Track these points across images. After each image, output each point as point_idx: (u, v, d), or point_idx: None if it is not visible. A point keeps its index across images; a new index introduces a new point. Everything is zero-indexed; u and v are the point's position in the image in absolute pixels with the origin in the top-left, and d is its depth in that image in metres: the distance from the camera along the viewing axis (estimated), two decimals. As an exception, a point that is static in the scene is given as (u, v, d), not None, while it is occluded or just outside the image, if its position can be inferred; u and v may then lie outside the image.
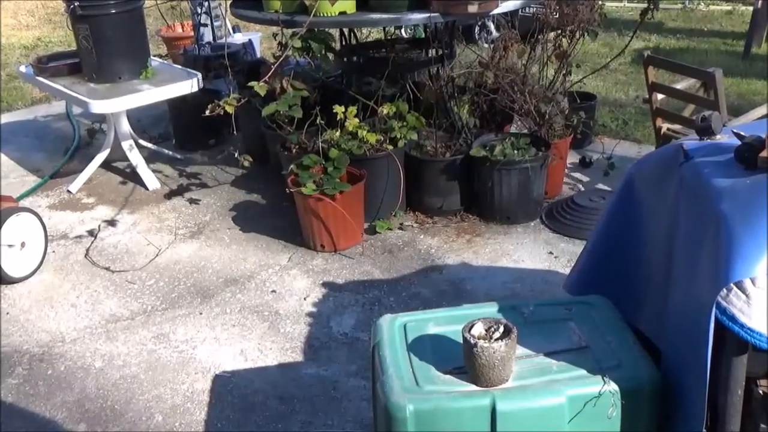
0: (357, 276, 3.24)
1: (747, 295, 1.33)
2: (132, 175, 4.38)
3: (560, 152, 3.78)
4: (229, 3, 4.27)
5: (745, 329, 1.34)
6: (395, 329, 1.82)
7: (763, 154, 1.51)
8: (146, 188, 4.24)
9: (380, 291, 3.12)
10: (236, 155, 3.69)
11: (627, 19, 7.53)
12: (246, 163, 3.64)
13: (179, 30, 6.30)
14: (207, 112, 3.34)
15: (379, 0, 3.61)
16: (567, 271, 2.70)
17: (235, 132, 3.69)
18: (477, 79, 4.07)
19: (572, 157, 4.19)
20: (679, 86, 3.62)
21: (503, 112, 3.96)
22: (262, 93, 3.44)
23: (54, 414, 2.50)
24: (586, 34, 3.83)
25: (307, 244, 3.48)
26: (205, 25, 5.13)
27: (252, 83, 3.46)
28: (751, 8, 6.92)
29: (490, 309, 1.87)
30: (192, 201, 4.07)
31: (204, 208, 3.99)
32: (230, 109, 3.33)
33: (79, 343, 2.88)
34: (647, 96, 3.67)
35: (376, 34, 5.13)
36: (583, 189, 3.95)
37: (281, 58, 3.60)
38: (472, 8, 3.50)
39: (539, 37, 3.91)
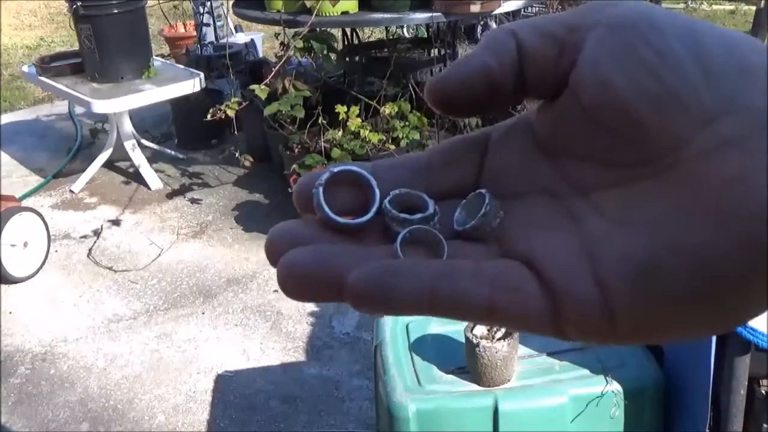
0: (359, 276, 3.24)
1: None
2: (134, 175, 4.38)
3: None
4: (231, 3, 4.27)
5: (748, 329, 1.34)
6: (397, 329, 1.82)
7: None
8: (149, 188, 4.24)
9: (382, 291, 3.11)
10: (237, 155, 3.70)
11: (629, 19, 7.52)
12: (246, 163, 3.64)
13: (181, 30, 6.30)
14: (209, 117, 3.35)
15: (381, 0, 3.61)
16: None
17: (236, 132, 3.69)
18: (479, 79, 4.07)
19: (574, 157, 4.18)
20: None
21: (505, 112, 3.95)
22: (263, 96, 3.44)
23: (56, 413, 2.51)
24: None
25: (310, 244, 3.48)
26: (208, 25, 5.13)
27: (253, 86, 3.46)
28: (754, 8, 6.92)
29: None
30: (194, 201, 4.08)
31: (206, 207, 4.00)
32: (231, 113, 3.34)
33: (82, 342, 2.89)
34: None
35: (378, 33, 5.13)
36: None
37: (283, 59, 3.60)
38: (475, 8, 3.50)
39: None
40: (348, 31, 4.16)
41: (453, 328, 1.78)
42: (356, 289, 0.24)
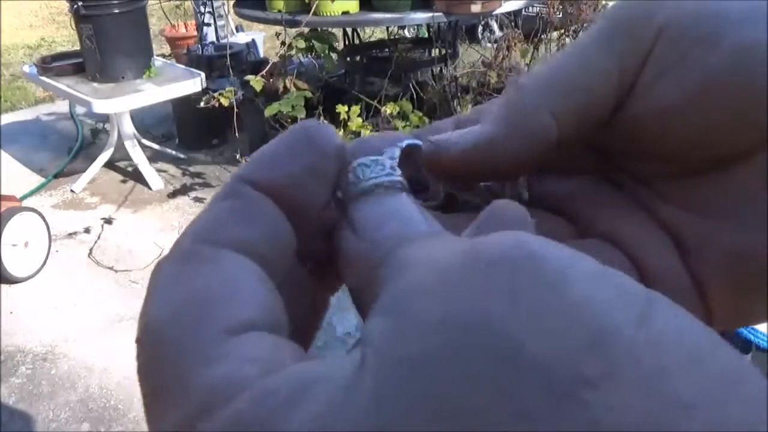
0: (360, 275, 3.24)
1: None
2: (135, 175, 4.38)
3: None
4: (232, 2, 4.27)
5: (749, 329, 1.34)
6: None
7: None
8: (150, 188, 4.24)
9: (383, 290, 3.11)
10: (238, 156, 3.69)
11: (630, 19, 7.51)
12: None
13: (182, 30, 6.30)
14: (202, 103, 3.35)
15: (381, 0, 3.61)
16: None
17: (238, 133, 3.69)
18: (480, 79, 4.07)
19: (575, 157, 4.18)
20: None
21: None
22: (258, 87, 3.43)
23: (57, 413, 2.51)
24: (589, 33, 3.82)
25: (310, 244, 3.48)
26: (209, 25, 5.13)
27: (249, 77, 3.45)
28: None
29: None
30: (195, 200, 4.08)
31: (207, 207, 3.99)
32: (225, 102, 3.34)
33: (83, 342, 2.89)
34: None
35: (379, 33, 5.13)
36: (586, 188, 3.94)
37: (284, 56, 3.61)
38: (475, 8, 3.50)
39: (543, 36, 3.90)
40: (349, 30, 4.16)
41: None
42: None
